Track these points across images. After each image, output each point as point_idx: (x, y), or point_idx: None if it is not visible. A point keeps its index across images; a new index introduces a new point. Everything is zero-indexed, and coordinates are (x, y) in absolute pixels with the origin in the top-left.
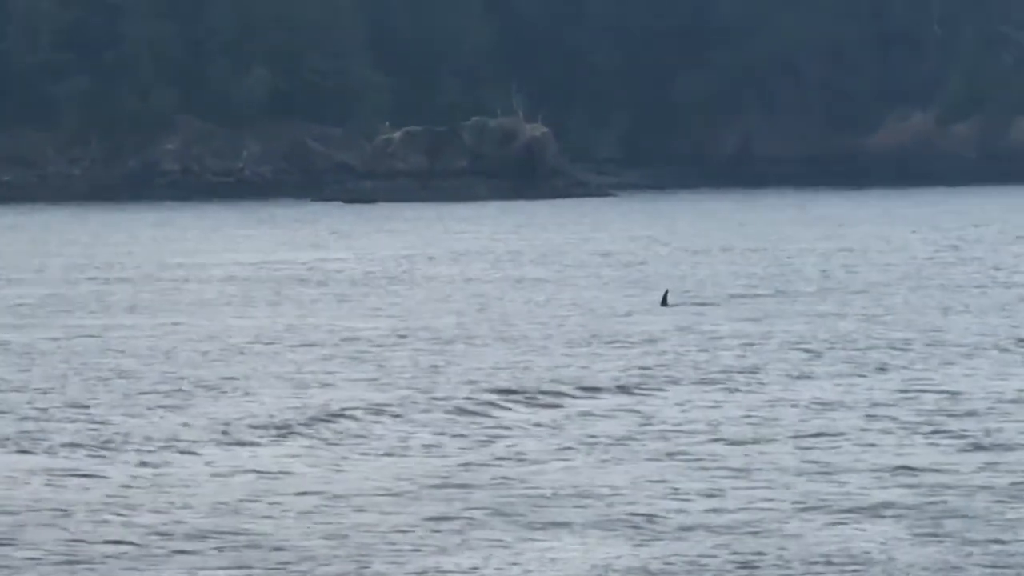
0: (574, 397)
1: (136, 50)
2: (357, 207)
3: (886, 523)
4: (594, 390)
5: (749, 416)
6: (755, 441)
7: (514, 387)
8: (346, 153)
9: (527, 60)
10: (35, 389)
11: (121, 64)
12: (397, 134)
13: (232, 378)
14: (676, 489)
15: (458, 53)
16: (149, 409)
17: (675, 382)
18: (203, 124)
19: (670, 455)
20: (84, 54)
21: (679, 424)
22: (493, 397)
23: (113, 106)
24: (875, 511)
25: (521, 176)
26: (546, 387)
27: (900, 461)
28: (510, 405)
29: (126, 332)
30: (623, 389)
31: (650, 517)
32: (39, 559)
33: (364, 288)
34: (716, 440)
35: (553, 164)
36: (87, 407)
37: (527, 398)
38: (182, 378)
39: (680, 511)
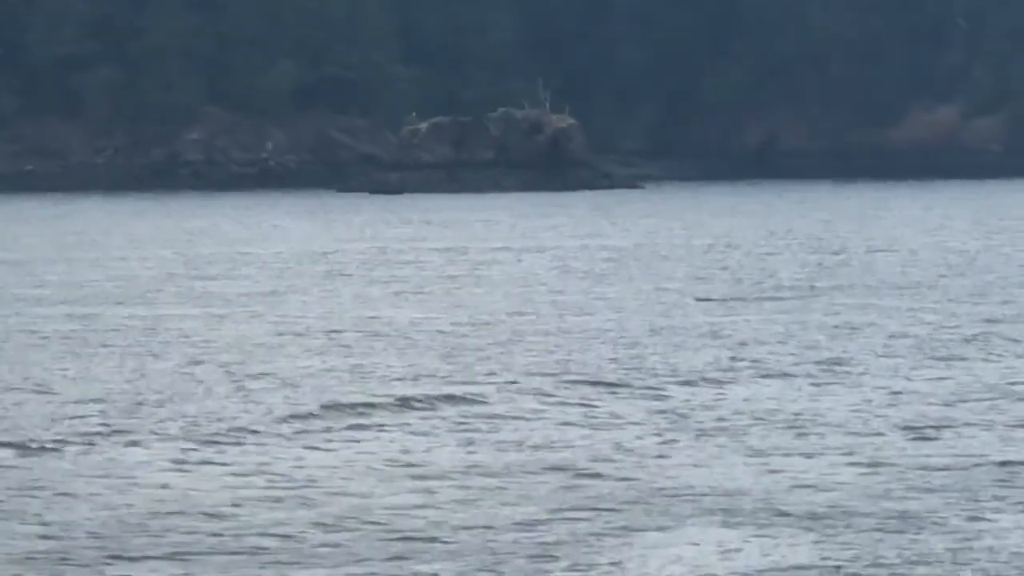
0: (672, 387)
1: (161, 41)
2: (384, 198)
3: None
4: (689, 381)
5: (852, 406)
6: (867, 432)
7: (612, 379)
8: (371, 144)
9: (553, 52)
10: (128, 380)
11: (146, 55)
12: (423, 125)
13: (341, 366)
14: (797, 479)
15: (484, 45)
16: (257, 396)
17: (767, 373)
18: (228, 115)
19: (779, 447)
20: (109, 45)
21: (781, 414)
22: (594, 388)
23: (138, 97)
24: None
25: (547, 168)
26: (641, 378)
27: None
28: (612, 395)
29: (214, 321)
30: (717, 380)
31: (781, 510)
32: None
33: (443, 279)
34: (825, 430)
35: (579, 156)
36: (192, 396)
37: (627, 389)
38: (302, 364)
39: (809, 502)
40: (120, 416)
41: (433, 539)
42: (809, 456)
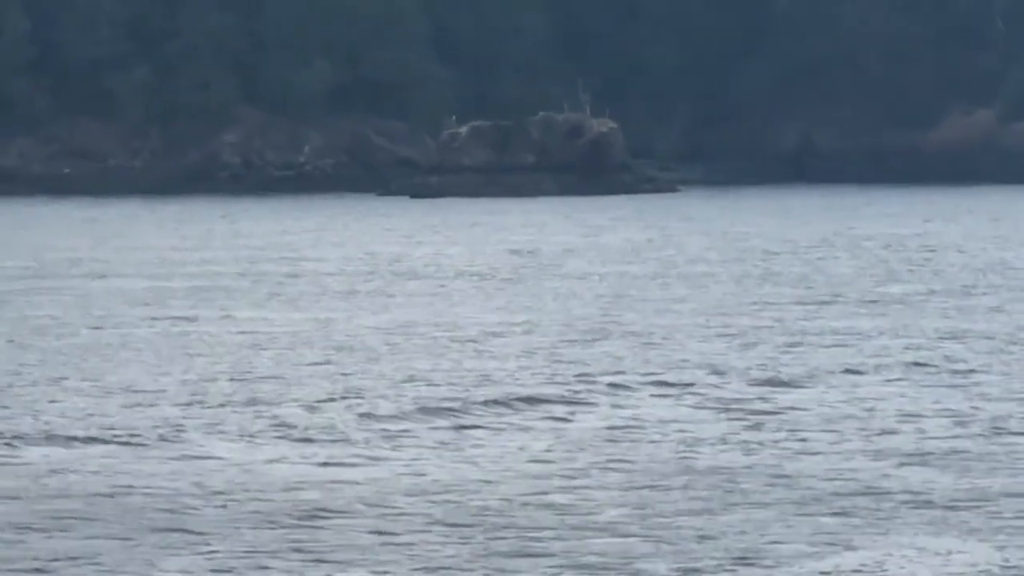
0: (782, 388)
1: (196, 42)
2: (427, 202)
3: None
4: (796, 381)
5: (957, 408)
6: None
7: (713, 379)
8: (408, 147)
9: (586, 55)
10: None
11: (182, 56)
12: (463, 129)
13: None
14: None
15: (518, 48)
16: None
17: (862, 372)
18: (264, 117)
19: (918, 451)
20: (144, 46)
21: (907, 414)
22: (711, 388)
23: (174, 98)
24: None
25: (588, 171)
26: (744, 377)
27: None
28: (734, 394)
29: (278, 325)
30: (825, 380)
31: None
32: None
33: (515, 281)
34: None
35: (620, 159)
36: (264, 399)
37: (743, 386)
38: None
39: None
40: (220, 413)
41: (646, 538)
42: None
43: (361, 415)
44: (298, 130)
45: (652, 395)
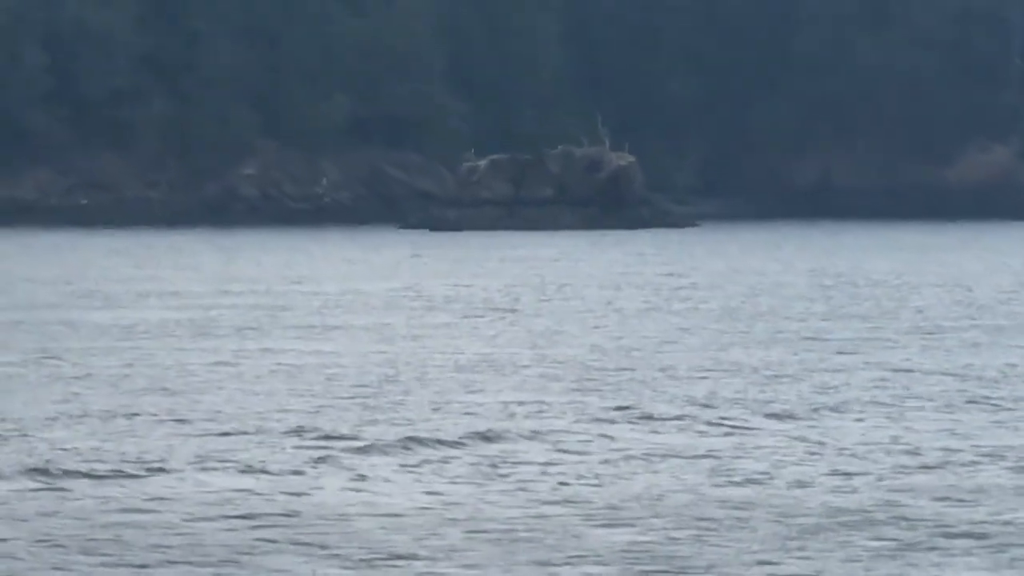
0: (820, 420)
1: (214, 74)
2: (447, 235)
3: None
4: (837, 414)
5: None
6: None
7: (763, 409)
8: (425, 180)
9: (605, 89)
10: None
11: (200, 88)
12: (482, 162)
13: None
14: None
15: (536, 81)
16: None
17: (901, 405)
18: (282, 149)
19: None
20: (162, 78)
21: (949, 448)
22: (773, 419)
23: (191, 131)
24: None
25: (606, 205)
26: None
27: None
28: (772, 424)
29: (321, 356)
30: (867, 412)
31: None
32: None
33: (544, 315)
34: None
35: (639, 193)
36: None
37: (783, 417)
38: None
39: None
40: (255, 442)
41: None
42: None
43: (401, 443)
44: (316, 162)
45: (685, 427)
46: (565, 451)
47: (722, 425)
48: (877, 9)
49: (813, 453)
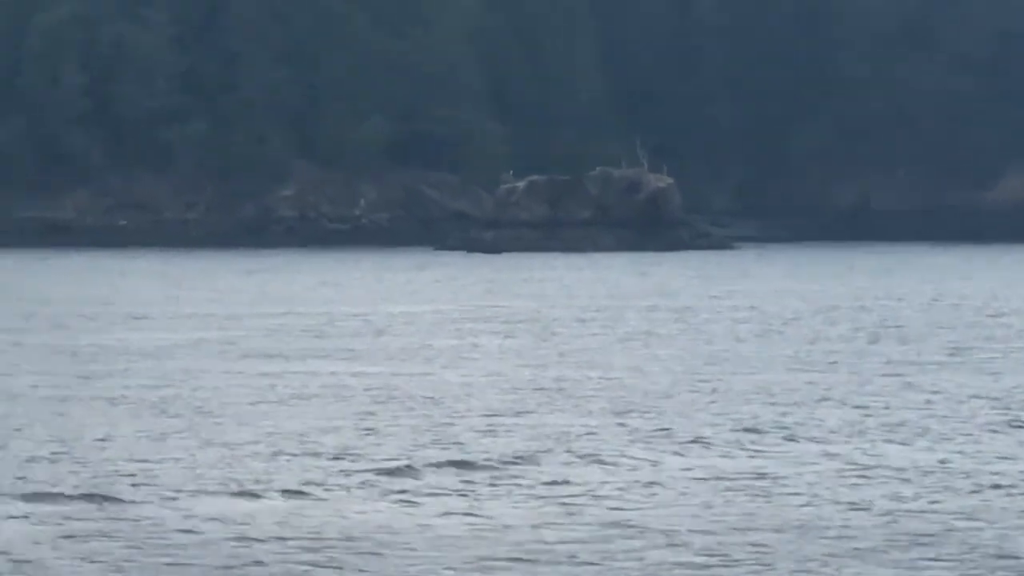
0: (876, 444)
1: (253, 96)
2: (485, 257)
3: None
4: (891, 437)
5: None
6: None
7: (807, 433)
8: (462, 201)
9: (643, 110)
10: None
11: (238, 110)
12: (520, 184)
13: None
14: None
15: (574, 103)
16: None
17: (954, 429)
18: (319, 171)
19: None
20: (201, 99)
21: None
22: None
23: (229, 152)
24: None
25: (644, 227)
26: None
27: None
28: (830, 448)
29: (364, 379)
30: (925, 437)
31: None
32: None
33: (596, 336)
34: None
35: (677, 215)
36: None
37: (839, 441)
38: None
39: None
40: (311, 464)
41: None
42: None
43: (452, 466)
44: (353, 184)
45: (734, 450)
46: (616, 474)
47: (770, 448)
48: (916, 32)
49: (864, 476)
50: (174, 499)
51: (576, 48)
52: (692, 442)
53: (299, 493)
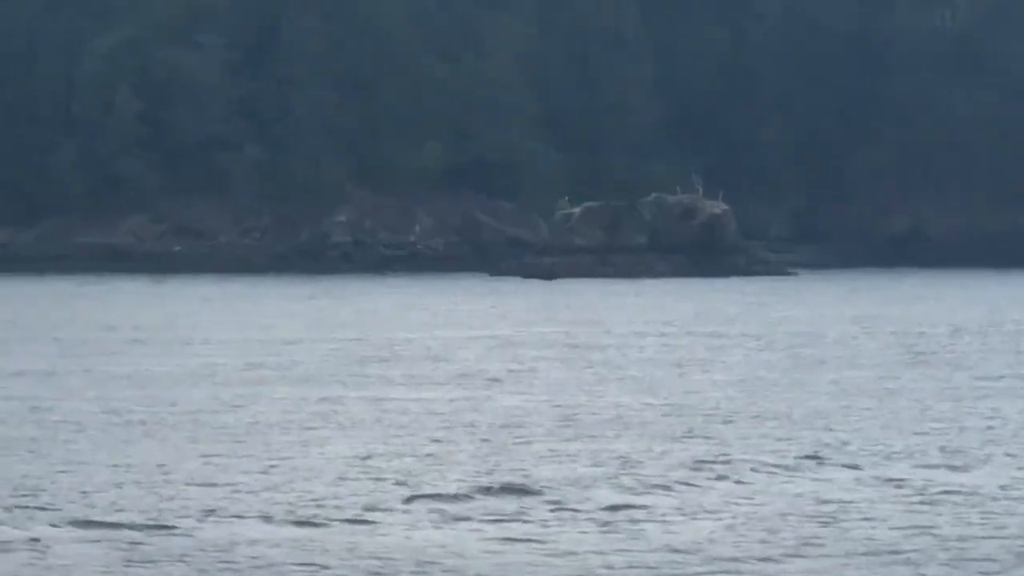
0: (941, 470)
1: (308, 121)
2: (542, 283)
3: None
4: (957, 463)
5: None
6: None
7: (875, 460)
8: (517, 227)
9: (698, 136)
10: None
11: (293, 135)
12: (576, 210)
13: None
14: None
15: (629, 128)
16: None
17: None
18: (375, 196)
19: None
20: (256, 125)
21: None
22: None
23: (285, 177)
24: None
25: (700, 253)
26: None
27: None
28: (899, 474)
29: (423, 404)
30: (990, 463)
31: None
32: None
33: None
34: None
35: (733, 241)
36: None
37: (907, 467)
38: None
39: None
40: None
41: None
42: None
43: (512, 492)
44: (409, 210)
45: (807, 474)
46: (678, 499)
47: (833, 473)
48: (969, 58)
49: (928, 502)
50: (240, 524)
51: (630, 73)
52: (754, 468)
53: (364, 519)
